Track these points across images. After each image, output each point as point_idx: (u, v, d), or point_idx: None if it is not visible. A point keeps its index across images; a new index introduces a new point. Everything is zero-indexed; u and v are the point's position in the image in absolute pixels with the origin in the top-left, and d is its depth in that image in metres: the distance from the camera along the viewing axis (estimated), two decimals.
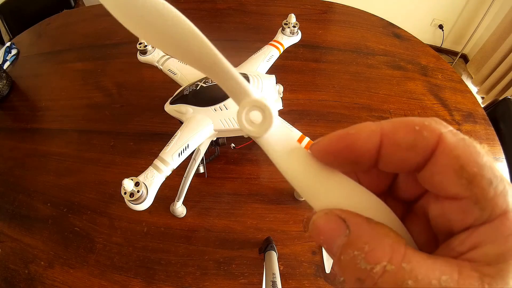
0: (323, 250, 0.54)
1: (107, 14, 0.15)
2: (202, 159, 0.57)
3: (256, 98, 0.13)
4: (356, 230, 0.11)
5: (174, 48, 0.15)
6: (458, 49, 1.86)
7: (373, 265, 0.10)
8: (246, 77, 0.44)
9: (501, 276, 0.09)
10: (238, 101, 0.14)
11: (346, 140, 0.13)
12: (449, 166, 0.10)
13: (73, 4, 1.42)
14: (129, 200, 0.35)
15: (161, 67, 0.53)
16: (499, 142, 0.67)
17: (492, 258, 0.10)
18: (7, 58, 0.89)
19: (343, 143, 0.13)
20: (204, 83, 0.44)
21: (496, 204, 0.10)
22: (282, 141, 0.13)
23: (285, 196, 0.60)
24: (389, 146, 0.12)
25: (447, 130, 0.11)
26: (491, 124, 0.70)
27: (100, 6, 0.98)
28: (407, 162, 0.11)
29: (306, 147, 0.38)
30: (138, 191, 0.35)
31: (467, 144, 0.11)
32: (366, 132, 0.12)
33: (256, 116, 0.13)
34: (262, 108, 0.13)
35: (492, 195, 0.10)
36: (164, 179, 0.38)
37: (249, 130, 0.13)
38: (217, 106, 0.42)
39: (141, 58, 0.54)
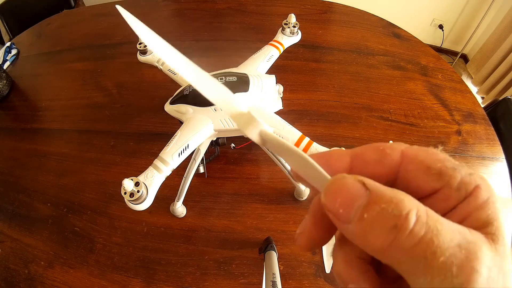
0: (323, 250, 0.54)
1: (107, 14, 0.15)
2: (202, 159, 0.57)
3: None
4: (376, 190, 0.11)
5: None
6: (458, 49, 1.86)
7: (407, 211, 0.10)
8: (246, 77, 0.44)
9: (498, 230, 0.11)
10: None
11: (322, 158, 0.14)
12: (418, 170, 0.13)
13: (73, 4, 1.42)
14: (129, 200, 0.35)
15: (161, 67, 0.53)
16: (499, 142, 0.67)
17: (483, 221, 0.11)
18: (7, 58, 0.90)
19: (320, 161, 0.13)
20: None
21: (466, 182, 0.12)
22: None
23: (285, 196, 0.60)
24: (359, 164, 0.13)
25: (406, 146, 0.13)
26: (491, 124, 0.70)
27: (100, 6, 0.99)
28: (377, 176, 0.13)
29: (306, 147, 0.38)
30: (138, 191, 0.35)
31: (425, 150, 0.13)
32: (337, 153, 0.14)
33: None
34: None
35: (460, 177, 0.12)
36: (164, 179, 0.38)
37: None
38: (217, 106, 0.42)
39: (141, 58, 0.54)
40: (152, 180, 0.37)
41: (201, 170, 0.59)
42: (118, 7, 0.17)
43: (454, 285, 0.10)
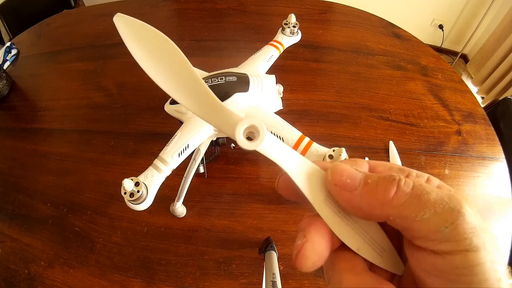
0: None
1: (107, 14, 0.15)
2: (202, 159, 0.57)
3: (247, 121, 0.16)
4: (368, 172, 0.15)
5: (174, 86, 0.18)
6: (458, 49, 1.86)
7: (398, 176, 0.13)
8: (246, 77, 0.44)
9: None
10: (232, 128, 0.16)
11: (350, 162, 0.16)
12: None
13: (73, 4, 1.42)
14: (129, 200, 0.35)
15: None
16: (499, 142, 0.67)
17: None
18: (7, 58, 0.90)
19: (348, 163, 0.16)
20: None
21: (420, 175, 0.15)
22: (278, 145, 0.16)
23: None
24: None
25: (368, 162, 0.16)
26: (491, 124, 0.70)
27: (100, 6, 0.99)
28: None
29: (306, 147, 0.38)
30: (138, 191, 0.35)
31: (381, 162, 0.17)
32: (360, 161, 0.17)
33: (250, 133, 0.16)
34: (254, 126, 0.16)
35: (415, 173, 0.15)
36: (164, 179, 0.38)
37: (250, 145, 0.16)
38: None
39: None
40: (152, 180, 0.37)
41: (201, 170, 0.59)
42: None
43: (447, 210, 0.12)
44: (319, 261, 0.14)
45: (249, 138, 0.16)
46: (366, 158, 0.63)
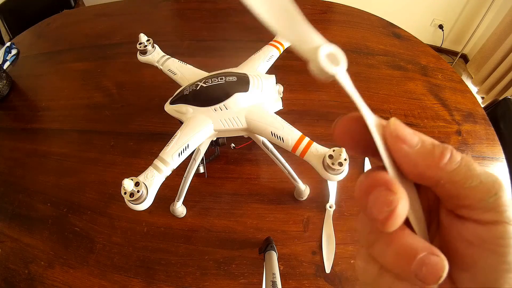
0: (323, 250, 0.54)
1: (107, 14, 0.15)
2: (202, 159, 0.57)
3: (330, 47, 0.16)
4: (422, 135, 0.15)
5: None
6: (458, 49, 1.86)
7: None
8: (246, 77, 0.44)
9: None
10: (315, 48, 0.16)
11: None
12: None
13: (73, 4, 1.42)
14: (129, 200, 0.35)
15: (161, 67, 0.53)
16: (499, 142, 0.67)
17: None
18: (7, 58, 0.90)
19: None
20: (204, 83, 0.44)
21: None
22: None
23: (285, 196, 0.60)
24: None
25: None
26: (491, 124, 0.70)
27: (100, 6, 0.98)
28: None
29: (306, 147, 0.38)
30: (138, 191, 0.35)
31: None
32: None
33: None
34: (334, 51, 0.16)
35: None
36: (164, 179, 0.38)
37: (331, 69, 0.16)
38: (217, 106, 0.42)
39: (141, 58, 0.54)
40: (152, 180, 0.37)
41: (201, 170, 0.59)
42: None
43: (492, 181, 0.13)
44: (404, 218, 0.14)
45: None
46: (367, 159, 0.63)
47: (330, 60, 0.16)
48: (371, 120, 0.16)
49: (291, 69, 0.79)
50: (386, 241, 0.14)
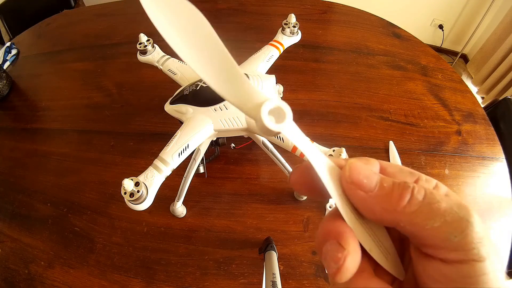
0: None
1: (107, 14, 0.15)
2: (202, 159, 0.57)
3: (274, 102, 0.16)
4: (384, 164, 0.16)
5: (195, 55, 0.17)
6: (458, 49, 1.86)
7: (412, 184, 0.14)
8: (246, 77, 0.44)
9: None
10: (257, 108, 0.16)
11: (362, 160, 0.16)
12: (396, 171, 0.16)
13: (73, 4, 1.42)
14: (129, 200, 0.35)
15: (161, 67, 0.53)
16: (499, 142, 0.67)
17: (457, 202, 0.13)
18: (7, 58, 0.90)
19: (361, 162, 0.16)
20: (204, 83, 0.44)
21: (429, 180, 0.15)
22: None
23: (285, 196, 0.60)
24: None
25: (380, 162, 0.16)
26: (491, 124, 0.70)
27: (100, 6, 0.98)
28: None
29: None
30: (138, 191, 0.35)
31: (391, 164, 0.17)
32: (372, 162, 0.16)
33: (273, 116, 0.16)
34: (279, 108, 0.16)
35: (424, 177, 0.15)
36: (164, 179, 0.38)
37: (276, 127, 0.16)
38: (217, 106, 0.42)
39: (141, 58, 0.54)
40: (152, 180, 0.37)
41: (201, 170, 0.59)
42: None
43: (457, 219, 0.12)
44: (355, 270, 0.14)
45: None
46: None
47: (276, 115, 0.16)
48: (322, 168, 0.16)
49: (291, 69, 0.79)
50: (344, 284, 0.14)
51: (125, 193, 0.34)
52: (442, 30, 1.81)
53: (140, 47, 0.53)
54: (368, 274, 0.14)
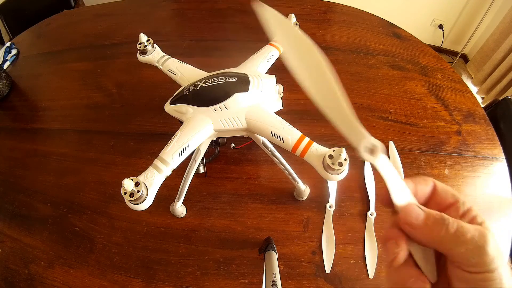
0: (323, 250, 0.54)
1: (107, 14, 0.15)
2: (202, 159, 0.57)
3: (371, 140, 0.23)
4: (428, 212, 0.21)
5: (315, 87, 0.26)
6: (458, 49, 1.86)
7: (448, 219, 0.20)
8: (246, 77, 0.44)
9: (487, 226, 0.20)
10: (358, 140, 0.23)
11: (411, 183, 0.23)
12: (445, 194, 0.23)
13: (73, 4, 1.42)
14: (129, 200, 0.35)
15: (161, 67, 0.53)
16: (499, 142, 0.67)
17: (480, 222, 0.20)
18: (7, 58, 0.90)
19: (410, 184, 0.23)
20: (204, 83, 0.44)
21: (465, 204, 0.21)
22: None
23: (285, 196, 0.60)
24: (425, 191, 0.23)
25: (434, 181, 0.23)
26: (491, 124, 0.70)
27: (100, 6, 0.98)
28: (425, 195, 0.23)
29: (306, 147, 0.38)
30: (138, 191, 0.35)
31: (442, 185, 0.23)
32: (423, 180, 0.24)
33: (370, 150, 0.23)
34: (374, 145, 0.23)
35: (462, 200, 0.22)
36: (164, 179, 0.38)
37: (370, 158, 0.23)
38: (217, 106, 0.42)
39: (141, 58, 0.54)
40: (152, 180, 0.37)
41: (201, 170, 0.59)
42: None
43: (476, 247, 0.18)
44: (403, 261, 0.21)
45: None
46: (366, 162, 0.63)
47: (370, 150, 0.23)
48: (397, 200, 0.22)
49: None
50: (395, 269, 0.21)
51: (125, 193, 0.34)
52: (442, 30, 1.81)
53: (140, 47, 0.53)
54: (411, 265, 0.21)
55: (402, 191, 0.22)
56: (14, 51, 0.91)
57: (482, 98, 1.70)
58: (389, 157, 0.64)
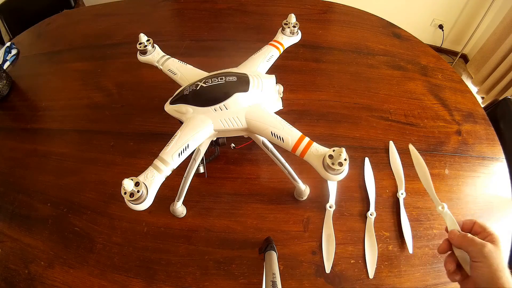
0: (323, 250, 0.54)
1: (107, 14, 0.15)
2: (202, 159, 0.57)
3: (440, 202, 0.42)
4: (466, 236, 0.37)
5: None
6: (458, 49, 1.86)
7: (484, 227, 0.37)
8: (246, 77, 0.44)
9: (495, 238, 0.36)
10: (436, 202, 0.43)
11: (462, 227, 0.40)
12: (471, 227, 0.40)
13: (73, 4, 1.42)
14: (129, 200, 0.35)
15: (161, 67, 0.53)
16: (499, 142, 0.67)
17: (489, 236, 0.36)
18: (7, 58, 0.90)
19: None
20: (204, 83, 0.44)
21: (483, 230, 0.38)
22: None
23: (285, 196, 0.60)
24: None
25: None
26: (491, 124, 0.70)
27: (100, 6, 0.99)
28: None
29: (306, 147, 0.38)
30: (138, 191, 0.35)
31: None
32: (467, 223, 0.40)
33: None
34: (443, 205, 0.42)
35: (480, 229, 0.38)
36: (164, 179, 0.38)
37: (440, 211, 0.42)
38: (217, 106, 0.42)
39: (141, 58, 0.54)
40: (152, 180, 0.37)
41: (201, 170, 0.59)
42: None
43: (478, 248, 0.34)
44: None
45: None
46: (367, 159, 0.63)
47: (442, 206, 0.42)
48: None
49: (291, 69, 0.79)
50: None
51: (125, 193, 0.34)
52: (442, 30, 1.81)
53: (140, 47, 0.53)
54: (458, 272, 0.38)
55: (453, 225, 0.39)
56: (14, 51, 0.91)
57: (482, 98, 1.70)
58: (388, 156, 0.64)
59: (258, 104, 0.44)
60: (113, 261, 0.55)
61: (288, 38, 0.53)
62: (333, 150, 0.35)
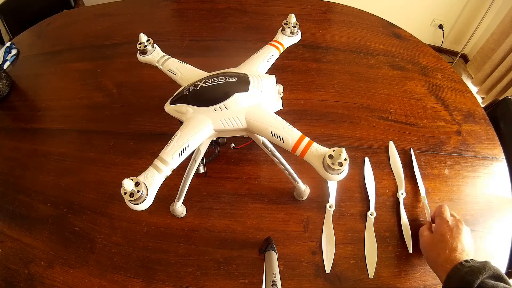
0: (323, 250, 0.54)
1: (107, 14, 0.15)
2: (202, 159, 0.57)
3: None
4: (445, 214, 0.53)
5: None
6: (458, 49, 1.86)
7: (448, 217, 0.52)
8: (246, 77, 0.44)
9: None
10: None
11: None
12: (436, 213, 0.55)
13: (73, 4, 1.42)
14: (129, 200, 0.35)
15: (161, 67, 0.53)
16: (499, 142, 0.67)
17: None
18: (7, 58, 0.90)
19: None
20: (204, 83, 0.44)
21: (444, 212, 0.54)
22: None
23: (285, 196, 0.60)
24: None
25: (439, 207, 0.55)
26: (491, 124, 0.70)
27: (100, 6, 0.99)
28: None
29: (306, 147, 0.38)
30: (138, 191, 0.35)
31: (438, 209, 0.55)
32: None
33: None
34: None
35: (445, 213, 0.54)
36: (164, 179, 0.38)
37: None
38: (217, 106, 0.42)
39: (141, 58, 0.54)
40: (152, 180, 0.37)
41: (201, 170, 0.59)
42: None
43: (439, 216, 0.52)
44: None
45: None
46: (367, 159, 0.63)
47: None
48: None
49: (291, 69, 0.79)
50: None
51: (125, 193, 0.34)
52: (442, 30, 1.81)
53: (140, 47, 0.53)
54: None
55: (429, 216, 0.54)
56: (14, 51, 0.91)
57: (482, 98, 1.70)
58: (388, 156, 0.64)
59: (258, 104, 0.44)
60: (113, 261, 0.55)
61: (288, 38, 0.53)
62: (333, 150, 0.35)
